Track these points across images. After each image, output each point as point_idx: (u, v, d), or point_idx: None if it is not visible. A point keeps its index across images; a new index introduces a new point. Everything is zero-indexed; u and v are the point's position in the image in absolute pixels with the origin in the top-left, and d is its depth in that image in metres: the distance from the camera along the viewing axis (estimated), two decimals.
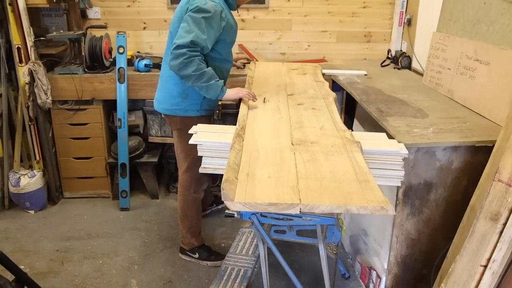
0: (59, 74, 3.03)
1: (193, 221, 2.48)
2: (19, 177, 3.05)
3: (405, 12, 3.29)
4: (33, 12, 3.10)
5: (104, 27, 3.25)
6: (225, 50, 2.25)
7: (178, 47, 1.99)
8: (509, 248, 1.37)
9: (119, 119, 3.06)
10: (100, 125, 3.17)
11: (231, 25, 2.19)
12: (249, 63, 3.13)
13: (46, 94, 2.96)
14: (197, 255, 2.54)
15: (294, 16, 3.49)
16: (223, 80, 2.16)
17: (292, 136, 1.68)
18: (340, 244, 2.55)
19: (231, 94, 2.13)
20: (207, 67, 2.09)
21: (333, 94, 2.27)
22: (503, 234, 1.34)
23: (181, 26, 2.05)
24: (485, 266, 1.39)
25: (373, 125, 2.26)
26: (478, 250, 1.40)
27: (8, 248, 2.66)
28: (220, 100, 2.26)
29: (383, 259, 2.07)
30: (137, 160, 3.23)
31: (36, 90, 2.92)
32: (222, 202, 2.60)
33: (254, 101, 2.11)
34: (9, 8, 2.86)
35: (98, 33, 3.13)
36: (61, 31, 3.19)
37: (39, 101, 2.96)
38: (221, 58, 2.24)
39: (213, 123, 3.13)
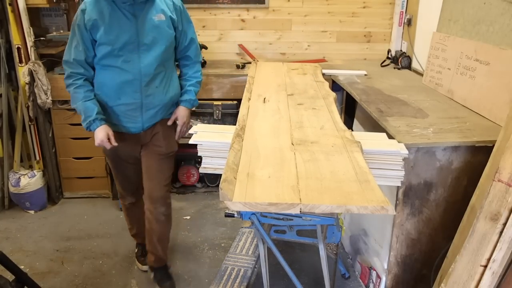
0: (59, 74, 3.03)
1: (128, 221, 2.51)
2: (19, 177, 3.05)
3: (405, 12, 3.29)
4: (33, 12, 3.10)
5: None
6: (101, 53, 1.91)
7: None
8: (509, 248, 1.37)
9: None
10: None
11: (96, 21, 1.87)
12: None
13: (46, 94, 2.96)
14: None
15: (294, 16, 3.49)
16: (92, 118, 1.92)
17: (292, 136, 1.68)
18: (340, 244, 2.55)
19: (96, 134, 1.94)
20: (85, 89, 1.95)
21: (333, 94, 2.27)
22: (503, 234, 1.34)
23: None
24: (485, 266, 1.39)
25: (373, 125, 2.26)
26: (478, 250, 1.40)
27: (8, 248, 2.66)
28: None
29: (383, 259, 2.08)
30: None
31: (36, 90, 2.92)
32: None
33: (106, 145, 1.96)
34: (9, 8, 2.86)
35: None
36: (61, 31, 3.19)
37: (39, 101, 2.96)
38: (101, 63, 1.94)
39: (213, 123, 3.14)
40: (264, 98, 2.18)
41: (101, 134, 1.93)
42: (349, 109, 3.21)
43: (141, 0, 1.90)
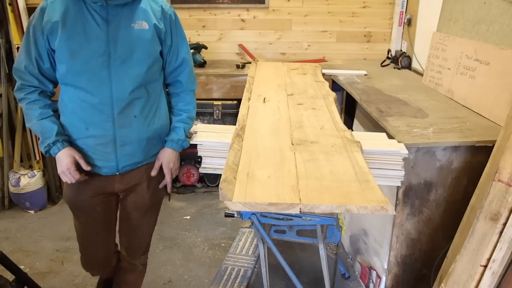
0: None
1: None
2: (19, 177, 3.05)
3: (405, 12, 3.29)
4: (33, 12, 3.09)
5: None
6: (61, 67, 1.49)
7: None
8: (509, 248, 1.37)
9: None
10: None
11: (56, 23, 1.45)
12: None
13: None
14: None
15: (294, 16, 3.49)
16: (51, 140, 1.49)
17: (292, 136, 1.68)
18: (340, 244, 2.55)
19: (59, 161, 1.52)
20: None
21: (333, 94, 2.27)
22: (503, 234, 1.34)
23: None
24: (485, 266, 1.39)
25: (373, 125, 2.26)
26: (478, 250, 1.40)
27: (8, 248, 2.66)
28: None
29: (383, 259, 2.07)
30: None
31: None
32: None
33: (71, 181, 1.54)
34: (9, 8, 2.87)
35: None
36: None
37: None
38: (64, 81, 1.52)
39: (213, 123, 3.14)
40: (264, 98, 2.18)
41: (66, 160, 1.49)
42: (349, 109, 3.21)
43: (116, 3, 1.45)
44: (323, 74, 2.84)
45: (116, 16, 1.47)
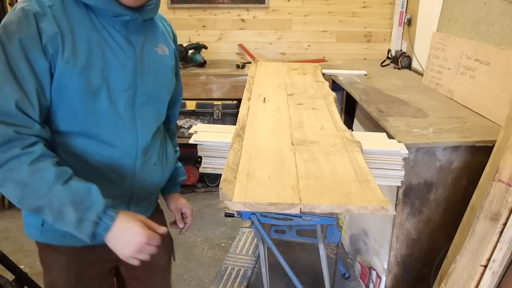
0: None
1: None
2: None
3: (405, 12, 3.29)
4: None
5: None
6: (68, 110, 1.01)
7: None
8: (509, 248, 1.37)
9: None
10: None
11: (64, 39, 0.95)
12: None
13: None
14: None
15: (294, 16, 3.49)
16: (101, 208, 0.95)
17: (292, 136, 1.68)
18: (340, 244, 2.55)
19: (124, 235, 0.97)
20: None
21: (333, 94, 2.27)
22: (503, 234, 1.34)
23: None
24: (485, 266, 1.39)
25: (373, 125, 2.26)
26: (478, 250, 1.40)
27: (8, 248, 2.66)
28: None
29: (383, 259, 2.07)
30: None
31: None
32: None
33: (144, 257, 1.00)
34: (9, 8, 2.87)
35: None
36: None
37: None
38: (63, 127, 1.03)
39: (213, 123, 3.14)
40: (264, 98, 2.18)
41: (136, 227, 0.97)
42: (349, 109, 3.21)
43: (146, 17, 1.09)
44: (323, 74, 2.84)
45: (139, 36, 1.10)
